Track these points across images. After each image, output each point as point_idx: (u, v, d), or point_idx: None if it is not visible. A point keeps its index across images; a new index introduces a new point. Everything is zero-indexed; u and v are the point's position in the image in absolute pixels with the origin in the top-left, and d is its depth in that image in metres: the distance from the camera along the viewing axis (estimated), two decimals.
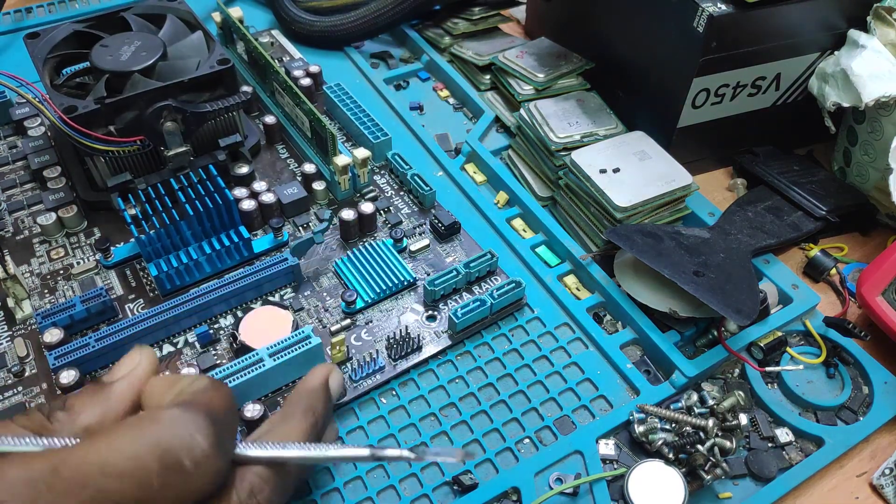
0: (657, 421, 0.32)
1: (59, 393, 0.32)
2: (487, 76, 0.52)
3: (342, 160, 0.40)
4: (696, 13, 0.38)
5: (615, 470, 0.31)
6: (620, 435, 0.33)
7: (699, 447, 0.30)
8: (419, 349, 0.35)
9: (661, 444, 0.31)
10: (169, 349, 0.35)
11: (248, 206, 0.39)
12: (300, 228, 0.41)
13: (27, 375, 0.33)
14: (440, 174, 0.45)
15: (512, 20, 0.60)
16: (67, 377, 0.31)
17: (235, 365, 0.32)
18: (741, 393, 0.34)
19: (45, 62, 0.39)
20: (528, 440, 0.32)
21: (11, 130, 0.46)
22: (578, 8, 0.51)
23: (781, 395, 0.35)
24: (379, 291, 0.37)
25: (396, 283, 0.37)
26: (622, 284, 0.37)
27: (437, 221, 0.40)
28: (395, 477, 0.31)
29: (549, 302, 0.38)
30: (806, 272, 0.42)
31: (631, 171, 0.40)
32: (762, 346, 0.36)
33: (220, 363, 0.34)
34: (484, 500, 0.30)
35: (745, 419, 0.32)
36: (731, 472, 0.31)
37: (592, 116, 0.45)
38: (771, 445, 0.33)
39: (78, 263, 0.38)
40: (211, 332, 0.35)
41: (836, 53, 0.43)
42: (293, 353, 0.32)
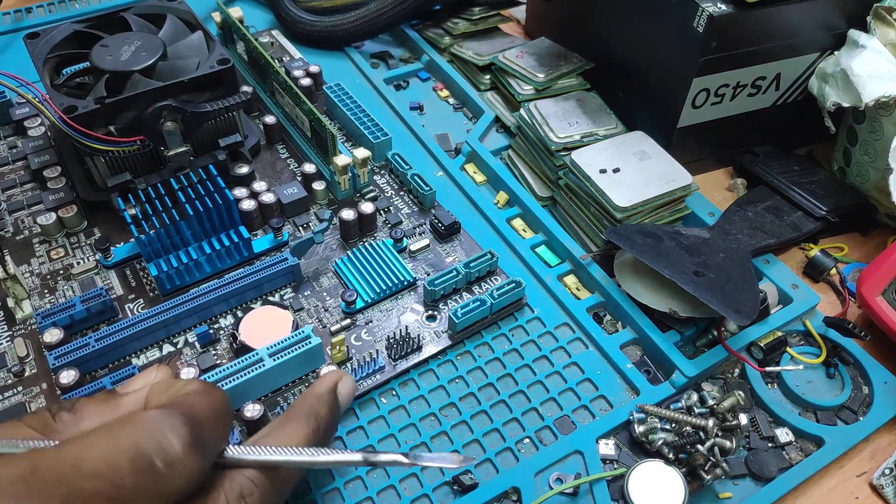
0: (657, 421, 0.32)
1: (58, 393, 0.32)
2: (487, 76, 0.52)
3: (342, 160, 0.40)
4: (696, 13, 0.38)
5: (615, 470, 0.31)
6: (620, 435, 0.33)
7: (699, 447, 0.30)
8: (419, 349, 0.35)
9: (661, 444, 0.31)
10: (169, 349, 0.35)
11: (248, 206, 0.39)
12: (300, 228, 0.41)
13: (27, 375, 0.33)
14: (440, 174, 0.45)
15: (512, 20, 0.60)
16: (67, 377, 0.31)
17: (235, 365, 0.32)
18: (741, 393, 0.34)
19: (45, 62, 0.39)
20: (528, 440, 0.32)
21: (11, 130, 0.46)
22: (578, 8, 0.51)
23: (781, 394, 0.35)
24: (379, 291, 0.37)
25: (396, 283, 0.37)
26: (622, 284, 0.37)
27: (437, 221, 0.40)
28: (395, 477, 0.31)
29: (549, 302, 0.38)
30: (806, 272, 0.42)
31: (631, 171, 0.40)
32: (762, 346, 0.36)
33: (220, 363, 0.34)
34: (484, 500, 0.30)
35: (745, 419, 0.32)
36: (731, 471, 0.31)
37: (592, 116, 0.45)
38: (771, 445, 0.33)
39: (78, 263, 0.38)
40: (211, 331, 0.35)
41: (836, 53, 0.43)
42: (293, 353, 0.32)
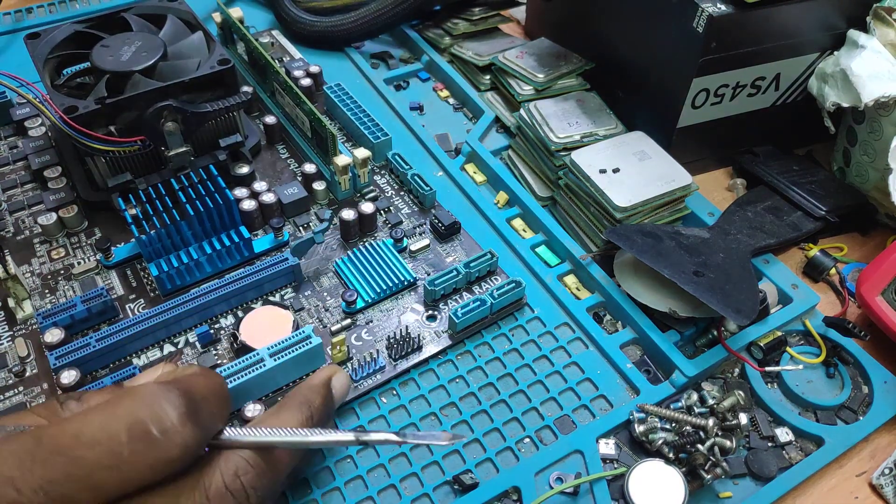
0: (657, 420, 0.32)
1: (59, 393, 0.32)
2: (487, 76, 0.52)
3: (342, 160, 0.40)
4: (695, 13, 0.39)
5: (615, 469, 0.31)
6: (620, 434, 0.33)
7: (699, 447, 0.30)
8: (419, 349, 0.35)
9: (661, 443, 0.31)
10: (170, 349, 0.35)
11: (248, 206, 0.39)
12: (300, 228, 0.41)
13: (28, 375, 0.33)
14: (440, 174, 0.45)
15: (512, 20, 0.61)
16: (68, 377, 0.31)
17: (236, 365, 0.32)
18: (741, 392, 0.34)
19: (45, 62, 0.39)
20: (528, 440, 0.32)
21: (12, 131, 0.46)
22: (578, 8, 0.51)
23: (781, 394, 0.35)
24: (379, 291, 0.37)
25: (397, 282, 0.37)
26: (622, 284, 0.37)
27: (437, 221, 0.40)
28: (395, 476, 0.31)
29: (549, 302, 0.38)
30: (805, 272, 0.42)
31: (631, 171, 0.40)
32: (762, 345, 0.36)
33: (220, 363, 0.34)
34: (484, 499, 0.30)
35: (745, 419, 0.32)
36: (731, 471, 0.31)
37: (592, 116, 0.45)
38: (771, 445, 0.33)
39: (79, 263, 0.38)
40: (211, 331, 0.35)
41: (835, 53, 0.43)
42: (294, 352, 0.32)
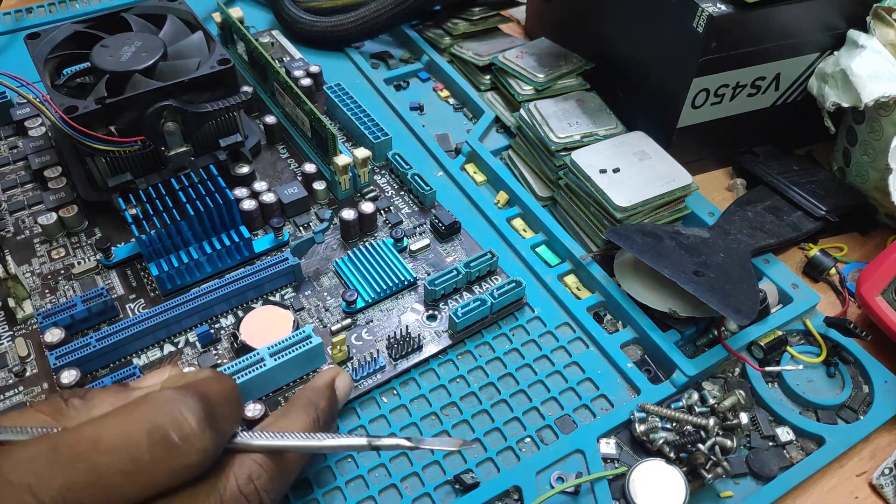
0: (658, 420, 0.32)
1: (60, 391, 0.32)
2: (487, 76, 0.52)
3: (342, 160, 0.40)
4: (695, 13, 0.39)
5: (616, 469, 0.31)
6: (621, 434, 0.33)
7: (700, 446, 0.30)
8: (420, 349, 0.35)
9: (662, 443, 0.31)
10: (170, 349, 0.35)
11: (248, 205, 0.39)
12: (301, 228, 0.41)
13: (28, 375, 0.33)
14: (440, 174, 0.45)
15: (512, 20, 0.61)
16: (68, 377, 0.31)
17: (236, 365, 0.32)
18: (742, 392, 0.34)
19: (45, 62, 0.39)
20: (529, 439, 0.32)
21: (12, 131, 0.46)
22: (578, 8, 0.51)
23: (782, 394, 0.35)
24: (379, 291, 0.37)
25: (397, 282, 0.37)
26: (622, 284, 0.37)
27: (437, 221, 0.40)
28: (396, 476, 0.31)
29: (549, 301, 0.38)
30: (805, 272, 0.42)
31: (631, 171, 0.40)
32: (762, 345, 0.36)
33: (220, 363, 0.34)
34: (485, 499, 0.30)
35: (745, 418, 0.32)
36: (731, 470, 0.31)
37: (592, 116, 0.45)
38: (772, 444, 0.33)
39: (79, 263, 0.38)
40: (212, 331, 0.35)
41: (835, 53, 0.43)
42: (294, 352, 0.32)
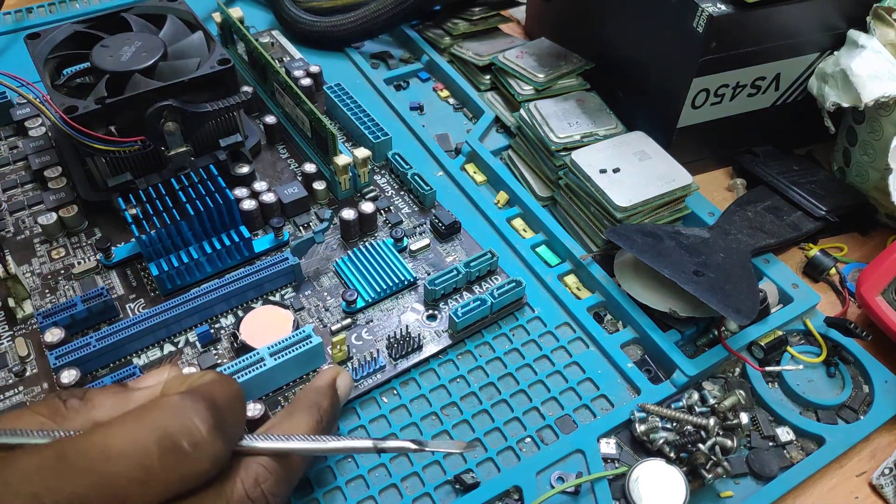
0: (658, 420, 0.32)
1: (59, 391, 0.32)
2: (487, 76, 0.52)
3: (342, 160, 0.40)
4: (695, 13, 0.39)
5: (616, 469, 0.31)
6: (622, 434, 0.33)
7: (700, 446, 0.30)
8: (420, 348, 0.35)
9: (662, 443, 0.31)
10: (170, 349, 0.35)
11: (248, 205, 0.39)
12: (301, 228, 0.41)
13: (28, 375, 0.33)
14: (440, 174, 0.45)
15: (512, 20, 0.61)
16: (68, 377, 0.31)
17: (236, 364, 0.32)
18: (742, 392, 0.34)
19: (45, 62, 0.39)
20: (529, 439, 0.32)
21: (12, 131, 0.46)
22: (578, 8, 0.51)
23: (782, 394, 0.35)
24: (379, 291, 0.37)
25: (397, 282, 0.37)
26: (622, 284, 0.37)
27: (437, 221, 0.40)
28: (396, 476, 0.31)
29: (549, 301, 0.38)
30: (805, 272, 0.42)
31: (631, 171, 0.40)
32: (762, 345, 0.36)
33: (220, 363, 0.34)
34: (485, 498, 0.30)
35: (745, 418, 0.32)
36: (732, 470, 0.31)
37: (592, 116, 0.45)
38: (772, 444, 0.33)
39: (79, 263, 0.38)
40: (212, 331, 0.35)
41: (835, 53, 0.43)
42: (294, 352, 0.32)
